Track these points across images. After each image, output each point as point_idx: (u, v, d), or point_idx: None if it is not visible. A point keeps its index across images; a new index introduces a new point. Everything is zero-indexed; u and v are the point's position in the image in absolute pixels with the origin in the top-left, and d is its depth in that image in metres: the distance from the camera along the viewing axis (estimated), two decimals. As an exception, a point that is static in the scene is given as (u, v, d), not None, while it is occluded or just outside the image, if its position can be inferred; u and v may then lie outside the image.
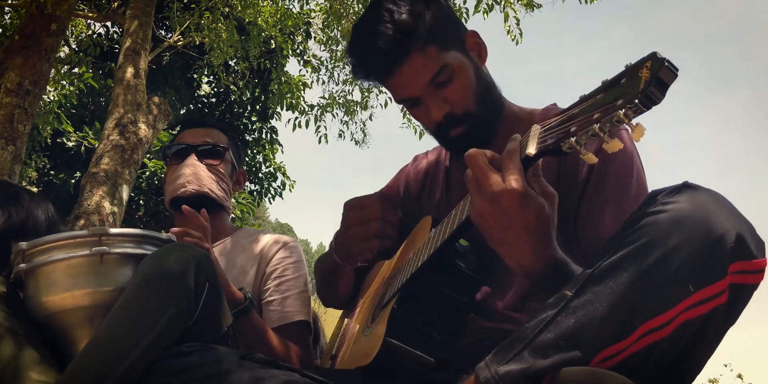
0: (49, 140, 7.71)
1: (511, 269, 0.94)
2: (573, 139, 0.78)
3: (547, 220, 0.87)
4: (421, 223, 1.31)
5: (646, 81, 0.69)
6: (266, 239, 1.72)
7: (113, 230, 1.18)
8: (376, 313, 1.22)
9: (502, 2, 5.79)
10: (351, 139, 7.80)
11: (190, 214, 1.46)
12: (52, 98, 7.36)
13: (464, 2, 6.20)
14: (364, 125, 7.71)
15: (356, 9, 6.68)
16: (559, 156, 0.83)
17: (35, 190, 7.59)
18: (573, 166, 1.16)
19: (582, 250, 1.12)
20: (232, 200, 1.87)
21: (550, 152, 0.83)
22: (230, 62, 8.34)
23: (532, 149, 0.85)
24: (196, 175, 1.68)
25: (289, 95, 8.38)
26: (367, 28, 1.19)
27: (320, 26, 7.43)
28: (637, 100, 0.70)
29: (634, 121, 0.72)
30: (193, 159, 1.70)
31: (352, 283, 1.48)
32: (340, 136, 7.70)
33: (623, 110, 0.71)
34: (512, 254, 0.90)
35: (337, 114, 7.55)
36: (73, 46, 7.84)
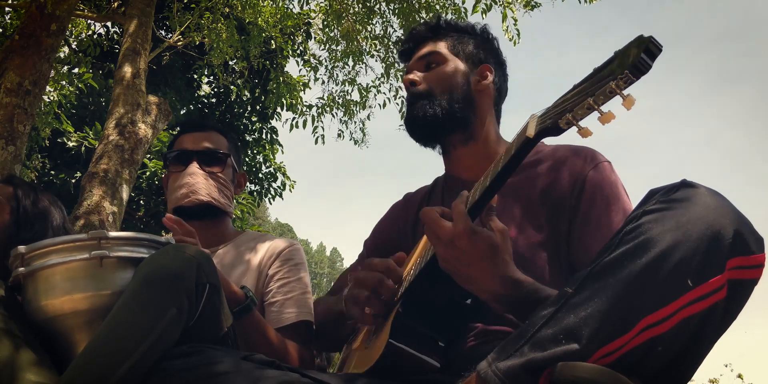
0: (48, 141, 7.71)
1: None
2: (569, 115, 0.81)
3: (498, 248, 0.98)
4: (423, 241, 1.32)
5: (635, 55, 0.75)
6: (268, 243, 1.72)
7: (112, 234, 1.18)
8: (379, 327, 1.22)
9: (501, 2, 5.79)
10: (350, 139, 7.80)
11: (173, 225, 1.43)
12: (52, 98, 7.36)
13: (463, 2, 6.20)
14: (364, 125, 7.71)
15: (356, 9, 6.68)
16: (557, 134, 0.87)
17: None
18: (560, 196, 1.24)
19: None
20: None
21: (549, 132, 0.87)
22: (230, 62, 8.34)
23: (531, 131, 0.89)
24: (199, 184, 1.68)
25: (288, 95, 8.37)
26: (423, 22, 1.62)
27: (320, 26, 7.43)
28: (627, 71, 0.75)
29: (625, 92, 0.77)
30: (194, 167, 1.70)
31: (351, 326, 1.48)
32: (339, 136, 7.69)
33: (615, 81, 0.76)
34: (481, 286, 1.01)
35: (336, 114, 7.55)
36: (73, 46, 7.84)
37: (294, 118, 7.85)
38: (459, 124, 1.38)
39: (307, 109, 7.68)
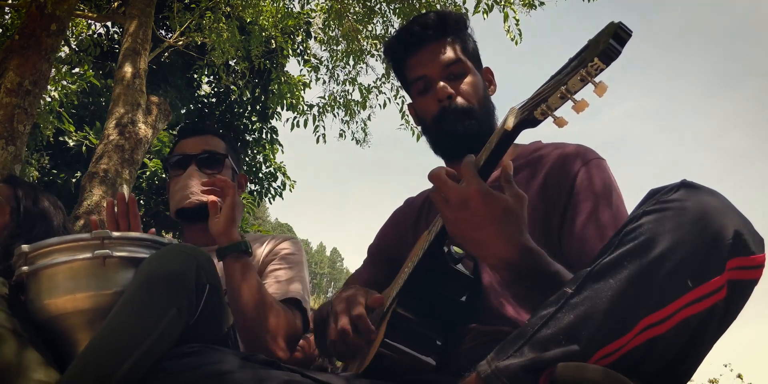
0: (51, 139, 7.71)
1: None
2: (544, 105, 0.82)
3: (514, 212, 0.94)
4: (420, 240, 1.32)
5: (604, 42, 0.76)
6: (268, 241, 1.75)
7: (116, 234, 1.19)
8: (377, 326, 1.22)
9: (502, 2, 5.79)
10: (352, 139, 7.80)
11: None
12: (52, 98, 7.36)
13: (464, 2, 6.21)
14: (365, 124, 7.71)
15: (356, 9, 6.68)
16: (535, 126, 0.88)
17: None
18: (554, 193, 1.24)
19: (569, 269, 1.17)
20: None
21: (526, 123, 0.88)
22: (230, 62, 8.34)
23: (510, 124, 0.90)
24: (199, 186, 1.71)
25: (288, 95, 8.38)
26: (418, 16, 1.42)
27: (320, 26, 7.44)
28: (597, 58, 0.76)
29: (597, 79, 0.77)
30: (193, 169, 1.74)
31: None
32: (340, 135, 7.69)
33: (585, 68, 0.77)
34: (490, 251, 0.96)
35: (337, 114, 7.55)
36: (73, 46, 7.84)
37: (295, 117, 7.86)
38: (488, 136, 1.37)
39: (308, 109, 7.69)
